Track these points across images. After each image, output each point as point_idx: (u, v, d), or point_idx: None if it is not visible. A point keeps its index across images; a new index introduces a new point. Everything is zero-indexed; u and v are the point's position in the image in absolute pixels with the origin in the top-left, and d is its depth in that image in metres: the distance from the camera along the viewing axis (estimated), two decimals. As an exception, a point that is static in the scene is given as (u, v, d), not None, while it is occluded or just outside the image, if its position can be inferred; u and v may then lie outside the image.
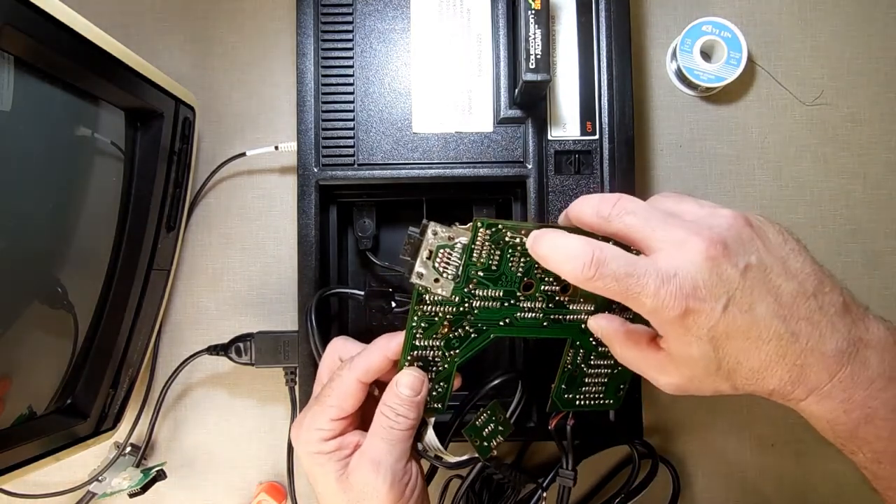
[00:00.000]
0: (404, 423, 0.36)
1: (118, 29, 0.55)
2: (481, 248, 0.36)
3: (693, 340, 0.32)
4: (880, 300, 0.55)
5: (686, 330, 0.32)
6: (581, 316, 0.39)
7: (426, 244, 0.35)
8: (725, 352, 0.32)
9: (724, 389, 0.34)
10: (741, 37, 0.53)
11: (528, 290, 0.37)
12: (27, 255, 0.37)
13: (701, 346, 0.32)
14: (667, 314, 0.31)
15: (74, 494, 0.51)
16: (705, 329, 0.31)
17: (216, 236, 0.55)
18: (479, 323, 0.38)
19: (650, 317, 0.32)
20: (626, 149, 0.47)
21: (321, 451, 0.37)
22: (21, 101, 0.34)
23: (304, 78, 0.47)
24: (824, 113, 0.56)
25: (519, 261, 0.37)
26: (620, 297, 0.32)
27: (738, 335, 0.32)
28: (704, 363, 0.32)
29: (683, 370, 0.34)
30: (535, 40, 0.42)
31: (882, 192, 0.55)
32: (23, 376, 0.39)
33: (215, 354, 0.51)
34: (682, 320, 0.31)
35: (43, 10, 0.33)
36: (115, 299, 0.45)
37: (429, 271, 0.35)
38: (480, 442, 0.38)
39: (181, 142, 0.49)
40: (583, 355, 0.41)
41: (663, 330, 0.33)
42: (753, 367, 0.32)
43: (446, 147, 0.47)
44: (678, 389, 0.34)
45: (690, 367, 0.33)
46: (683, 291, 0.31)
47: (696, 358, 0.32)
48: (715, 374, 0.33)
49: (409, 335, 0.37)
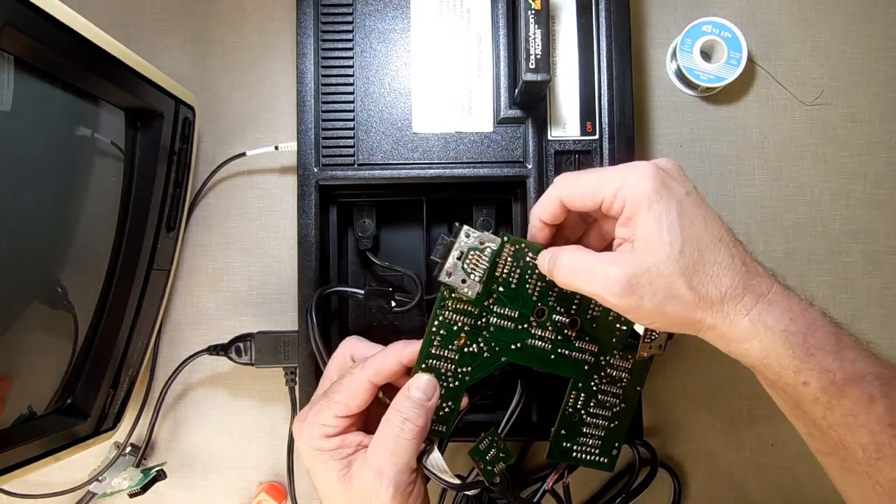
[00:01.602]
0: (411, 430, 0.36)
1: (118, 29, 0.55)
2: (504, 263, 0.38)
3: (664, 211, 0.33)
4: (880, 300, 0.55)
5: (658, 199, 0.34)
6: (585, 356, 0.41)
7: (458, 245, 0.37)
8: (688, 235, 0.33)
9: (678, 289, 0.33)
10: (741, 37, 0.53)
11: (540, 316, 0.39)
12: (27, 255, 0.37)
13: (671, 218, 0.33)
14: (643, 185, 0.34)
15: (74, 494, 0.51)
16: (675, 202, 0.34)
17: (216, 236, 0.55)
18: (492, 342, 0.39)
19: (628, 196, 0.34)
20: (626, 149, 0.47)
21: (323, 447, 0.37)
22: (21, 101, 0.34)
23: (304, 78, 0.47)
24: (824, 113, 0.56)
25: (536, 284, 0.39)
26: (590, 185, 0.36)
27: (698, 222, 0.34)
28: (670, 241, 0.33)
29: (643, 256, 0.33)
30: (535, 40, 0.42)
31: (882, 192, 0.55)
32: (23, 376, 0.39)
33: (215, 354, 0.51)
34: (655, 192, 0.34)
35: (43, 10, 0.33)
36: (115, 299, 0.45)
37: (457, 272, 0.37)
38: (485, 466, 0.39)
39: (181, 142, 0.49)
40: (583, 400, 0.41)
41: (635, 205, 0.34)
42: (710, 260, 0.33)
43: (446, 147, 0.47)
44: (629, 283, 0.33)
45: (653, 251, 0.33)
46: (659, 168, 0.35)
47: (663, 236, 0.33)
48: (676, 263, 0.33)
49: (427, 340, 0.38)
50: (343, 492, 0.36)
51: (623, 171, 0.35)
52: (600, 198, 0.35)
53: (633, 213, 0.34)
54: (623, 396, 0.42)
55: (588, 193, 0.36)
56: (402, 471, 0.36)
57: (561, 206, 0.37)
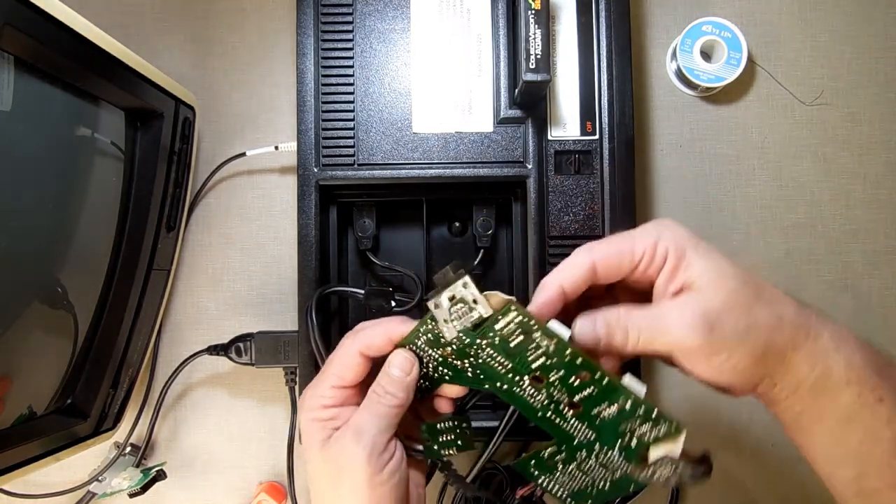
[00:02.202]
0: (392, 400, 0.35)
1: (118, 29, 0.55)
2: (505, 327, 0.34)
3: (712, 249, 0.33)
4: (880, 300, 0.55)
5: (700, 241, 0.33)
6: (576, 433, 0.35)
7: (453, 289, 0.33)
8: (742, 266, 0.33)
9: (758, 314, 0.32)
10: (741, 37, 0.53)
11: (537, 382, 0.35)
12: (27, 255, 0.37)
13: (719, 254, 0.33)
14: (682, 231, 0.33)
15: (74, 494, 0.51)
16: (708, 244, 0.33)
17: (216, 236, 0.55)
18: (478, 371, 0.36)
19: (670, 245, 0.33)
20: (626, 149, 0.47)
21: (317, 417, 0.36)
22: (21, 101, 0.34)
23: (304, 78, 0.47)
24: (824, 113, 0.56)
25: (539, 357, 0.34)
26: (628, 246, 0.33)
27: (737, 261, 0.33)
28: (733, 273, 0.32)
29: (710, 293, 0.32)
30: (535, 40, 0.42)
31: (882, 192, 0.55)
32: (23, 376, 0.39)
33: (215, 354, 0.51)
34: (695, 236, 0.33)
35: (43, 10, 0.33)
36: (115, 299, 0.45)
37: (443, 311, 0.34)
38: (433, 444, 0.37)
39: (181, 142, 0.49)
40: (563, 460, 0.36)
41: (681, 250, 0.33)
42: (768, 286, 0.33)
43: (446, 147, 0.47)
44: (707, 320, 0.31)
45: (719, 285, 0.32)
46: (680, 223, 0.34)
47: (724, 269, 0.32)
48: (746, 291, 0.32)
49: (412, 335, 0.37)
50: (323, 461, 0.35)
51: (652, 226, 0.34)
52: (639, 255, 0.33)
53: (681, 258, 0.33)
54: (615, 485, 0.36)
55: (626, 253, 0.33)
56: (381, 432, 0.35)
57: (591, 274, 0.34)
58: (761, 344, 0.32)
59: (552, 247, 0.47)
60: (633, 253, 0.33)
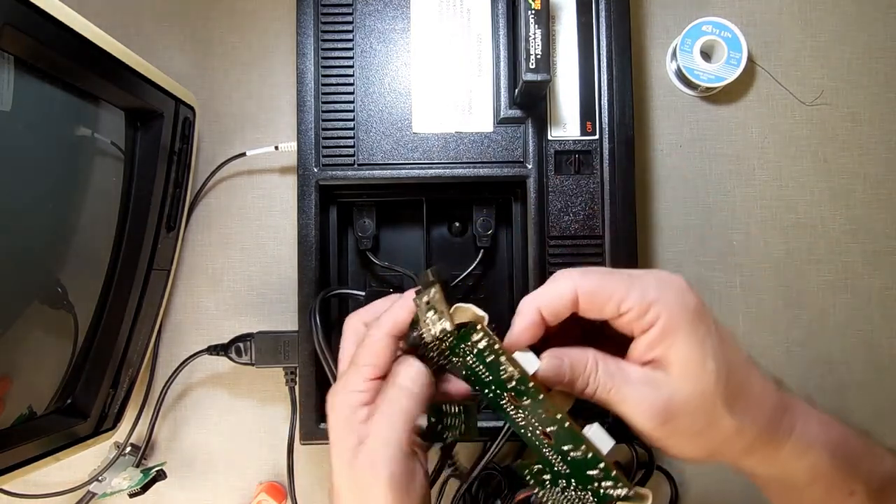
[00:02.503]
0: (402, 417, 0.33)
1: (118, 29, 0.55)
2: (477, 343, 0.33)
3: (707, 335, 0.30)
4: (880, 300, 0.55)
5: (700, 321, 0.30)
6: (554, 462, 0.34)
7: (426, 294, 0.33)
8: (730, 360, 0.31)
9: (721, 419, 0.30)
10: (741, 37, 0.53)
11: (514, 401, 0.34)
12: (27, 255, 0.37)
13: (714, 344, 0.30)
14: (686, 303, 0.30)
15: (74, 494, 0.51)
16: (713, 325, 0.31)
17: (216, 236, 0.55)
18: (468, 372, 0.35)
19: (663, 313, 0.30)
20: (626, 149, 0.47)
21: (352, 419, 0.33)
22: (21, 101, 0.34)
23: (304, 78, 0.47)
24: (824, 113, 0.56)
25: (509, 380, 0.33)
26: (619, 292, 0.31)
27: (732, 344, 0.32)
28: (715, 369, 0.30)
29: (683, 384, 0.30)
30: (535, 40, 0.42)
31: (882, 192, 0.55)
32: (23, 376, 0.39)
33: (215, 354, 0.51)
34: (697, 312, 0.30)
35: (43, 10, 0.33)
36: (115, 299, 0.45)
37: (421, 311, 0.34)
38: (436, 423, 0.35)
39: (181, 142, 0.49)
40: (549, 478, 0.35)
41: (674, 325, 0.30)
42: (751, 383, 0.31)
43: (446, 147, 0.47)
44: (666, 411, 0.30)
45: (694, 380, 0.30)
46: (692, 287, 0.31)
47: (708, 364, 0.30)
48: (720, 392, 0.30)
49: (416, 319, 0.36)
50: (348, 473, 0.33)
51: (657, 281, 0.31)
52: (628, 306, 0.30)
53: (670, 333, 0.30)
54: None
55: (613, 299, 0.31)
56: (398, 461, 0.32)
57: (571, 305, 0.32)
58: (713, 448, 0.32)
59: (552, 247, 0.47)
60: (621, 302, 0.31)
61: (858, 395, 0.55)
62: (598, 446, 0.32)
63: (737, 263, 0.55)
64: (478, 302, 0.53)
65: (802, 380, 0.55)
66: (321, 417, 0.47)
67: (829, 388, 0.55)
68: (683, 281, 0.32)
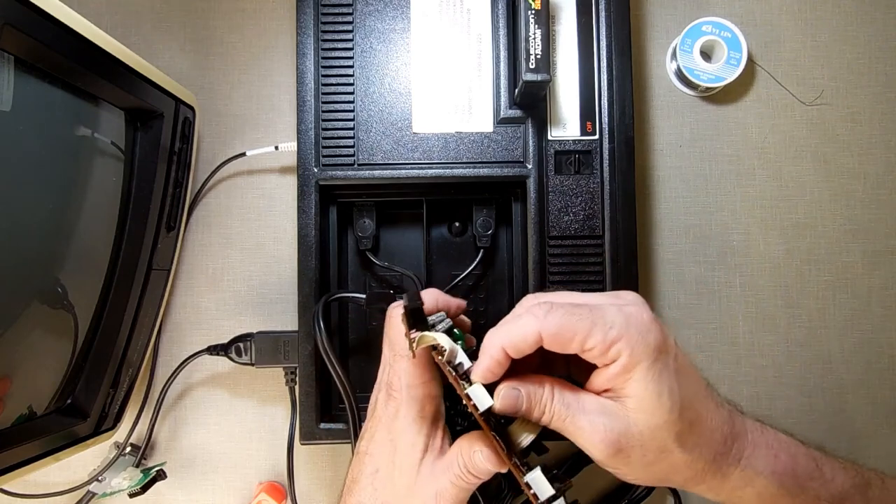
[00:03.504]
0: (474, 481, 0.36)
1: (118, 29, 0.55)
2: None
3: (664, 370, 0.31)
4: (880, 300, 0.55)
5: (660, 357, 0.31)
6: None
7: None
8: (685, 395, 0.32)
9: (672, 452, 0.32)
10: (741, 37, 0.53)
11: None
12: (27, 255, 0.37)
13: (671, 380, 0.31)
14: (648, 341, 0.31)
15: (74, 494, 0.51)
16: (672, 358, 0.32)
17: (216, 236, 0.55)
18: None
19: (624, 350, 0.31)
20: (626, 149, 0.47)
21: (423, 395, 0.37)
22: (21, 101, 0.34)
23: (304, 78, 0.47)
24: (824, 113, 0.56)
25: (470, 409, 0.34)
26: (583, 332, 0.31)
27: (691, 377, 0.33)
28: (670, 406, 0.31)
29: (637, 417, 0.31)
30: (535, 40, 0.42)
31: (882, 192, 0.55)
32: (23, 376, 0.39)
33: (215, 354, 0.51)
34: (658, 349, 0.31)
35: (43, 10, 0.33)
36: (115, 299, 0.45)
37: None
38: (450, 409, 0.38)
39: (181, 142, 0.49)
40: None
41: (633, 362, 0.31)
42: (704, 416, 0.33)
43: (446, 147, 0.47)
44: (618, 443, 0.31)
45: (649, 415, 0.31)
46: (655, 321, 0.32)
47: (663, 400, 0.31)
48: (673, 427, 0.31)
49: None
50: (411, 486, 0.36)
51: (622, 318, 0.31)
52: (591, 345, 0.31)
53: (630, 369, 0.31)
54: None
55: (579, 338, 0.31)
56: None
57: (536, 343, 0.32)
58: (662, 477, 0.33)
59: (552, 247, 0.47)
60: (584, 341, 0.31)
61: (858, 395, 0.55)
62: (539, 493, 0.32)
63: (737, 263, 0.55)
64: (478, 302, 0.53)
65: (802, 380, 0.55)
66: (321, 417, 0.47)
67: (829, 388, 0.55)
68: (648, 315, 0.32)
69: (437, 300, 0.38)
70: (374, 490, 0.37)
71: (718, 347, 0.55)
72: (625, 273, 0.47)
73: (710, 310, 0.55)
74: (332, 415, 0.49)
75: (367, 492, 0.37)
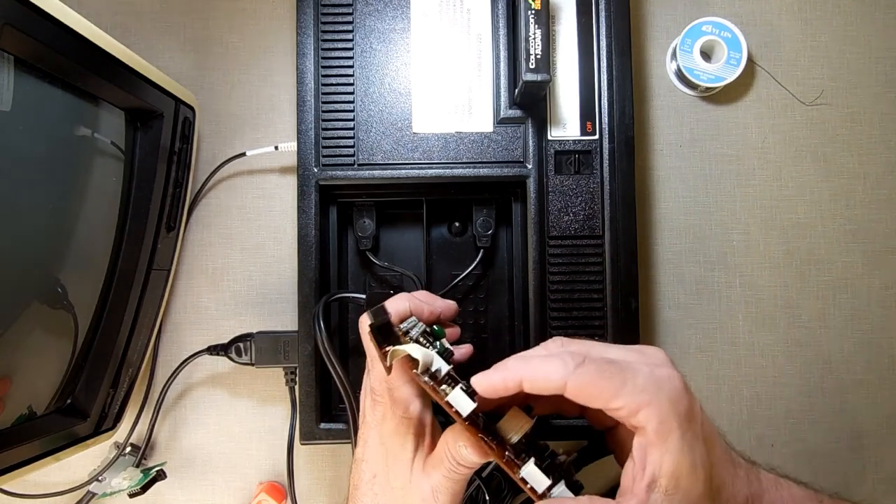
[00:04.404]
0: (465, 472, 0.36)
1: (118, 29, 0.55)
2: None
3: (694, 441, 0.30)
4: (880, 300, 0.55)
5: (689, 426, 0.31)
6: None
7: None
8: (714, 461, 0.32)
9: None
10: (741, 37, 0.53)
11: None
12: (27, 255, 0.37)
13: (700, 449, 0.31)
14: (678, 409, 0.30)
15: (74, 494, 0.51)
16: (698, 424, 0.31)
17: (216, 236, 0.55)
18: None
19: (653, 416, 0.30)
20: (626, 149, 0.47)
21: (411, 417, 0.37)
22: (21, 101, 0.34)
23: (304, 78, 0.47)
24: (824, 113, 0.56)
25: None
26: (610, 391, 0.30)
27: (714, 441, 0.33)
28: (704, 478, 0.31)
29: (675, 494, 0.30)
30: (535, 40, 0.42)
31: (882, 192, 0.55)
32: (23, 376, 0.39)
33: (215, 354, 0.51)
34: (688, 417, 0.30)
35: (43, 10, 0.33)
36: (115, 299, 0.45)
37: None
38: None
39: (181, 142, 0.49)
40: None
41: (665, 431, 0.30)
42: (727, 481, 0.33)
43: (446, 147, 0.47)
44: None
45: (684, 492, 0.30)
46: (686, 389, 0.31)
47: (698, 473, 0.31)
48: (707, 494, 0.31)
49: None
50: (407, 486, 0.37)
51: (652, 382, 0.31)
52: (618, 405, 0.30)
53: (662, 439, 0.30)
54: None
55: (606, 396, 0.30)
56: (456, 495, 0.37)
57: (558, 391, 0.31)
58: None
59: (552, 247, 0.47)
60: (611, 400, 0.30)
61: (858, 395, 0.55)
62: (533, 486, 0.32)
63: (737, 263, 0.55)
64: (478, 302, 0.53)
65: (802, 380, 0.55)
66: (321, 417, 0.47)
67: (829, 388, 0.55)
68: (679, 382, 0.32)
69: (407, 306, 0.38)
70: (374, 495, 0.38)
71: (718, 347, 0.55)
72: (625, 273, 0.47)
73: (710, 310, 0.55)
74: (332, 415, 0.49)
75: (368, 497, 0.38)
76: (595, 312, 0.47)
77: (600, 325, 0.47)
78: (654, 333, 0.55)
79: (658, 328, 0.55)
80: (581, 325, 0.47)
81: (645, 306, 0.54)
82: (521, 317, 0.50)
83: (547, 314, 0.47)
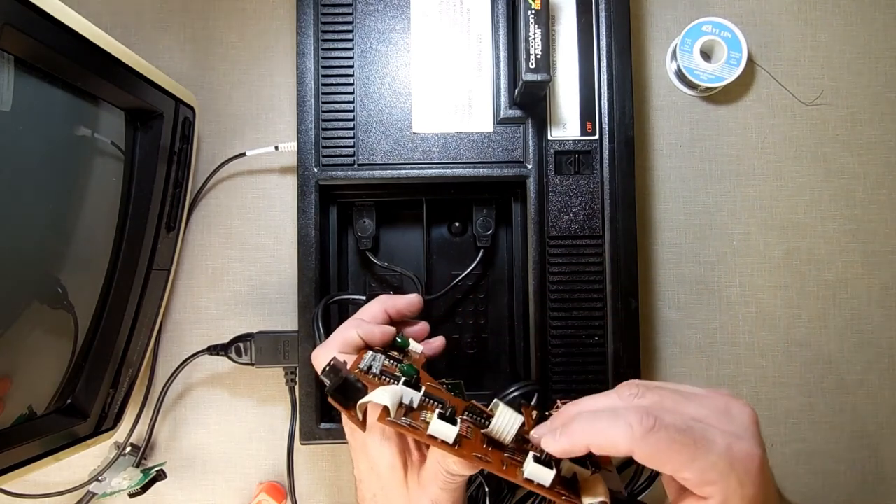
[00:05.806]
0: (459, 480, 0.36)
1: (118, 29, 0.55)
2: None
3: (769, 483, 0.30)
4: (880, 300, 0.55)
5: (763, 473, 0.30)
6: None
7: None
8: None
9: None
10: (741, 37, 0.53)
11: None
12: (27, 256, 0.37)
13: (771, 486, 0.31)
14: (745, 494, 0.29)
15: (74, 494, 0.51)
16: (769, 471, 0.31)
17: (216, 236, 0.55)
18: None
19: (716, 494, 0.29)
20: (626, 149, 0.47)
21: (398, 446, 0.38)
22: (21, 101, 0.34)
23: (304, 78, 0.47)
24: (824, 113, 0.56)
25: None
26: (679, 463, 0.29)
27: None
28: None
29: None
30: (535, 40, 0.42)
31: (882, 192, 0.55)
32: (23, 376, 0.39)
33: (215, 354, 0.51)
34: (753, 499, 0.30)
35: (43, 10, 0.33)
36: (115, 299, 0.45)
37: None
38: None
39: (181, 142, 0.49)
40: None
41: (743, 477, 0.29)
42: None
43: (446, 147, 0.47)
44: None
45: None
46: (761, 471, 0.30)
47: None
48: None
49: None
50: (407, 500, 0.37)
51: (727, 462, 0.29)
52: (685, 477, 0.29)
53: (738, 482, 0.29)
54: None
55: (674, 467, 0.29)
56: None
57: (626, 455, 0.30)
58: None
59: (552, 247, 0.47)
60: (679, 471, 0.30)
61: (858, 395, 0.55)
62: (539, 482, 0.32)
63: (737, 263, 0.55)
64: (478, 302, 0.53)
65: (802, 380, 0.55)
66: (321, 417, 0.47)
67: (829, 388, 0.55)
68: (756, 462, 0.30)
69: (355, 334, 0.40)
70: None
71: (718, 347, 0.55)
72: (625, 273, 0.47)
73: (710, 310, 0.55)
74: (332, 415, 0.49)
75: None
76: (595, 312, 0.47)
77: (600, 325, 0.47)
78: (654, 333, 0.55)
79: (658, 328, 0.55)
80: (581, 325, 0.47)
81: (645, 306, 0.54)
82: (521, 317, 0.50)
83: (547, 314, 0.47)
